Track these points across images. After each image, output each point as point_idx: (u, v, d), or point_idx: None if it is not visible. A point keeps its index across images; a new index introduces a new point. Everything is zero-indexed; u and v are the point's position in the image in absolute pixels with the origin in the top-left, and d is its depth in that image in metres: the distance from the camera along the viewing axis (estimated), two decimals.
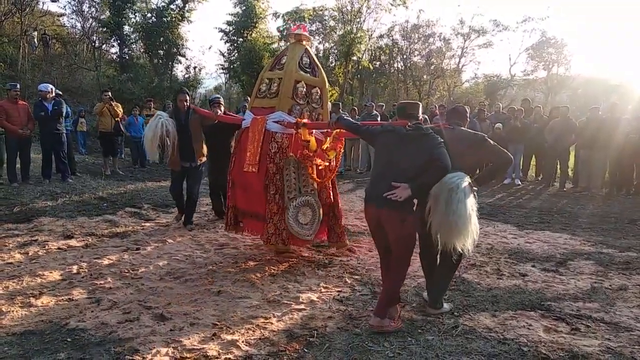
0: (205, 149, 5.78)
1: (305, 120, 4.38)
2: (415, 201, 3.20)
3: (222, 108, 6.11)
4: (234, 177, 4.80)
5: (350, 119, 4.26)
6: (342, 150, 4.90)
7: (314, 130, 4.45)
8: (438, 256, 3.44)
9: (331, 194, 4.70)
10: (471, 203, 3.13)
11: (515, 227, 6.25)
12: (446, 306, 3.48)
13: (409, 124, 3.23)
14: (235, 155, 4.78)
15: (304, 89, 4.57)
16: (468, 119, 3.79)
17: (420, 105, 3.45)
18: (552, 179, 9.94)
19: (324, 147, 4.45)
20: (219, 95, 6.42)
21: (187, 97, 5.64)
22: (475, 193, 3.22)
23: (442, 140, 3.12)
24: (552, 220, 6.74)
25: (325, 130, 4.51)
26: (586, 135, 9.00)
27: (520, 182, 10.09)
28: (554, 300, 3.70)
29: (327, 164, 4.59)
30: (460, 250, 3.12)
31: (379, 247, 3.38)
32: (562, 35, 27.88)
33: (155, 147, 5.21)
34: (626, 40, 48.09)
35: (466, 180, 3.16)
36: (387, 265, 3.31)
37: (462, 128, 3.52)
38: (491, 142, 3.40)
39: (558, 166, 9.94)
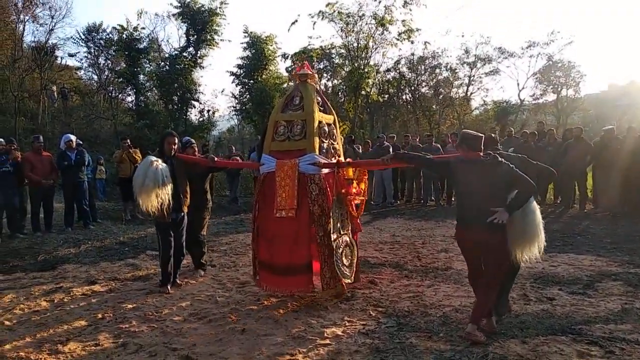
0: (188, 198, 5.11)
1: (349, 160, 4.48)
2: None
3: (196, 149, 5.89)
4: (259, 224, 4.57)
5: (409, 152, 4.54)
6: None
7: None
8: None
9: (359, 224, 4.79)
10: (539, 213, 3.58)
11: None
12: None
13: (482, 154, 3.53)
14: (259, 202, 4.60)
15: (326, 128, 4.65)
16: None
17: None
18: (571, 200, 9.81)
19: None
20: (188, 137, 6.22)
21: (177, 141, 4.99)
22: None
23: (513, 164, 3.46)
24: (575, 242, 6.62)
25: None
26: (603, 156, 8.94)
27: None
28: (584, 324, 3.61)
29: (363, 197, 4.67)
30: (528, 258, 3.53)
31: (472, 265, 3.68)
32: (570, 57, 27.90)
33: (155, 199, 4.51)
34: (633, 59, 48.04)
35: None
36: (479, 279, 3.60)
37: (503, 152, 3.89)
38: (531, 160, 3.84)
39: (576, 188, 9.84)
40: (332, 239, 4.22)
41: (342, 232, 4.40)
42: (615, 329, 3.49)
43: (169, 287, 4.89)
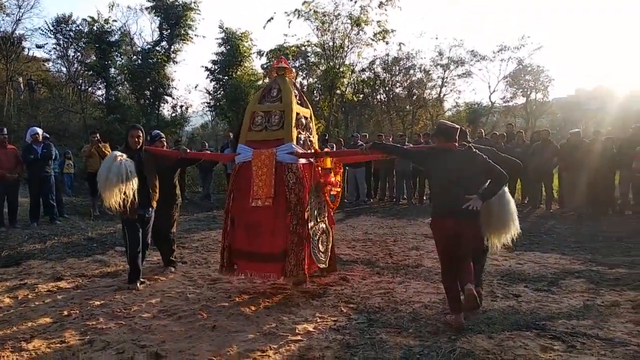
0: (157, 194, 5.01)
1: (327, 150, 4.53)
2: None
3: (165, 143, 5.74)
4: (234, 214, 4.57)
5: (387, 143, 4.72)
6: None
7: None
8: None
9: (332, 217, 4.88)
10: (514, 204, 3.86)
11: (505, 248, 6.30)
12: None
13: (457, 144, 3.67)
14: (234, 191, 4.59)
15: (303, 120, 4.68)
16: None
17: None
18: (538, 201, 10.09)
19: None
20: (158, 131, 6.03)
21: (141, 134, 4.89)
22: None
23: (486, 156, 3.62)
24: (541, 241, 6.82)
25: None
26: (569, 158, 9.22)
27: None
28: (548, 320, 3.72)
29: (339, 189, 4.73)
30: (503, 243, 3.81)
31: (448, 256, 3.73)
32: (540, 62, 28.58)
33: (119, 194, 4.41)
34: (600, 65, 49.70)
35: None
36: (457, 268, 3.67)
37: (474, 144, 4.01)
38: (500, 153, 4.12)
39: (543, 188, 10.12)
40: (309, 227, 4.30)
41: (318, 220, 4.47)
42: (577, 324, 3.61)
43: (138, 284, 4.81)
